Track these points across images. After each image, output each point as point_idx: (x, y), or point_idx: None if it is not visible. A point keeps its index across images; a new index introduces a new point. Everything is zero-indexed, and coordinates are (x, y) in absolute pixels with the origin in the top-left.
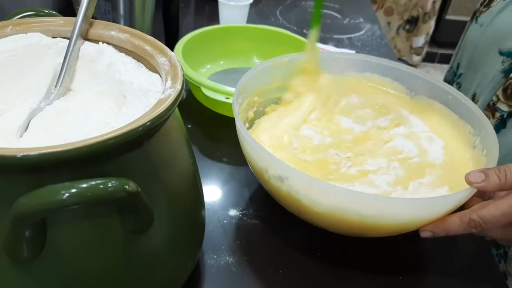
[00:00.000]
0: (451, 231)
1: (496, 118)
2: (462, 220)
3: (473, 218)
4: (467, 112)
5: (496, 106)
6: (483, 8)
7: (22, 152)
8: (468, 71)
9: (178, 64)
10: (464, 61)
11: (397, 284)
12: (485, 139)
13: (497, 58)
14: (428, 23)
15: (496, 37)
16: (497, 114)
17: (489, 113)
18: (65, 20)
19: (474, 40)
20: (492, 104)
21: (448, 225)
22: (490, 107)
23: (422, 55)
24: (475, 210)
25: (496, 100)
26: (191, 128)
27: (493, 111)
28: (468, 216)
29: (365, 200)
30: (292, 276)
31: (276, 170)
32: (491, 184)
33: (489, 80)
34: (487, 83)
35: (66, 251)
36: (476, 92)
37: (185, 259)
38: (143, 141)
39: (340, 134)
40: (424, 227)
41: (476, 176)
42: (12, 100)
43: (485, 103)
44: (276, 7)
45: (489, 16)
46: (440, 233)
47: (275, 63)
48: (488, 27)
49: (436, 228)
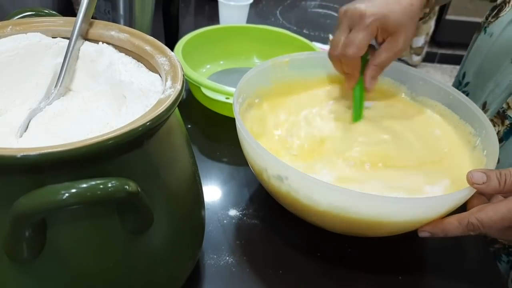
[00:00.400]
0: (449, 233)
1: (505, 126)
2: (460, 222)
3: (472, 222)
4: (468, 113)
5: (506, 114)
6: (492, 19)
7: (22, 152)
8: (477, 80)
9: (178, 64)
10: (472, 70)
11: (397, 284)
12: (486, 140)
13: (510, 67)
14: (428, 23)
15: (508, 46)
16: (506, 122)
17: (498, 121)
18: (65, 20)
19: (484, 50)
20: (502, 111)
21: (446, 227)
22: (499, 115)
23: (422, 55)
24: (473, 213)
25: (506, 107)
26: (191, 128)
27: (502, 119)
28: (467, 219)
29: (364, 200)
30: (292, 276)
31: (275, 169)
32: (491, 187)
33: (502, 89)
34: (499, 93)
35: (66, 251)
36: (487, 101)
37: (185, 259)
38: (143, 141)
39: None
40: (423, 228)
41: (478, 177)
42: (12, 100)
43: (495, 111)
44: (276, 7)
45: (499, 25)
46: (438, 234)
47: (275, 63)
48: (499, 37)
49: (434, 229)
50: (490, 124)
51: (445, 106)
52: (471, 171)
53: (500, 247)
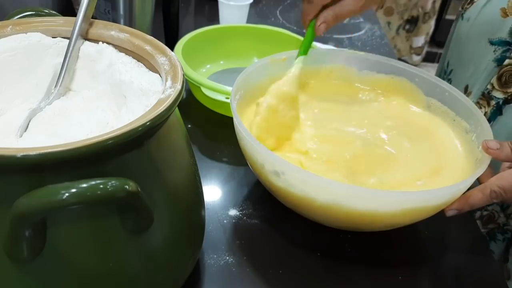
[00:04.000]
0: (475, 205)
1: (491, 106)
2: (483, 193)
3: (494, 190)
4: (464, 109)
5: (491, 95)
6: (468, 5)
7: (22, 152)
8: (458, 67)
9: (178, 64)
10: (454, 57)
11: (397, 284)
12: (481, 136)
13: (488, 48)
14: (428, 23)
15: (484, 29)
16: (492, 102)
17: (484, 102)
18: (65, 20)
19: (462, 36)
20: (487, 93)
21: (471, 200)
22: (485, 96)
23: (422, 55)
24: (494, 181)
25: (491, 88)
26: (191, 128)
27: (488, 100)
28: (489, 188)
29: (359, 194)
30: (292, 275)
31: (272, 165)
32: (504, 154)
33: (482, 70)
34: (479, 74)
35: (66, 251)
36: (469, 84)
37: (185, 259)
38: (143, 141)
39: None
40: (450, 206)
41: (492, 144)
42: (12, 100)
43: (479, 93)
44: (276, 7)
45: (475, 10)
46: (465, 209)
47: (272, 60)
48: (475, 20)
49: (460, 205)
50: (485, 120)
51: (441, 103)
52: (485, 140)
53: (494, 226)
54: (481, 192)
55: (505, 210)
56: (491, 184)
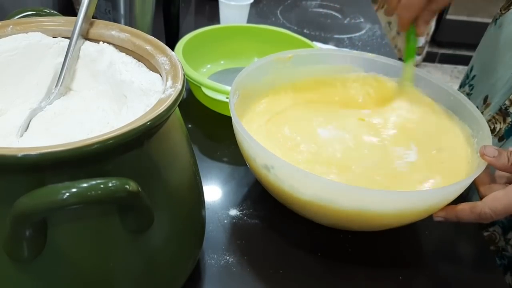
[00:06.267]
0: (462, 219)
1: (507, 123)
2: (472, 211)
3: (485, 211)
4: (467, 114)
5: (509, 111)
6: (504, 11)
7: (23, 152)
8: (482, 73)
9: (179, 64)
10: (479, 63)
11: (397, 284)
12: (482, 141)
13: None
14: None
15: None
16: (508, 119)
17: (500, 118)
18: (66, 19)
19: (491, 42)
20: (505, 108)
21: (459, 214)
22: (502, 112)
23: (422, 55)
24: (486, 203)
25: (509, 104)
26: (191, 128)
27: (504, 116)
28: (480, 209)
29: (345, 191)
30: (293, 276)
31: (262, 158)
32: (500, 163)
33: (503, 83)
34: (501, 86)
35: (67, 250)
36: (489, 95)
37: (186, 258)
38: (143, 141)
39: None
40: (437, 213)
41: (490, 151)
42: (13, 99)
43: (497, 107)
44: (276, 7)
45: (509, 17)
46: (452, 219)
47: (277, 58)
48: (507, 28)
49: (448, 215)
50: (486, 125)
51: (445, 107)
52: (484, 145)
53: (494, 249)
54: (470, 209)
55: (505, 234)
56: (483, 205)
